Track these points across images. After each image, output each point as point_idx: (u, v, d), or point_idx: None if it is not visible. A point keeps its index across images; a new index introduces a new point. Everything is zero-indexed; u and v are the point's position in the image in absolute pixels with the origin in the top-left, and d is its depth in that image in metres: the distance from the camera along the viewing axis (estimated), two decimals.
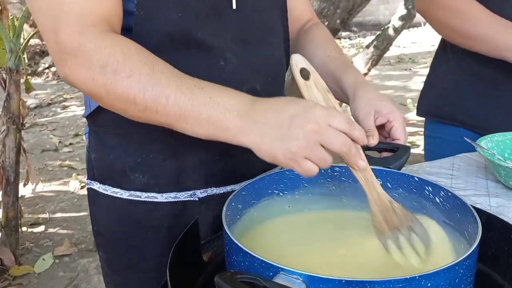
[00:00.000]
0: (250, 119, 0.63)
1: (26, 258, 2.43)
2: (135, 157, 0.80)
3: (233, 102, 0.64)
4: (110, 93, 0.65)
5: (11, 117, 2.17)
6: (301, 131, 0.60)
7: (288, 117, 0.61)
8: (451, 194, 0.67)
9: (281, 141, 0.61)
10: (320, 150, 0.61)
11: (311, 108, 0.62)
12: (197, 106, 0.64)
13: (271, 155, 0.62)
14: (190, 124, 0.65)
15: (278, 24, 0.85)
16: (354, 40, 8.44)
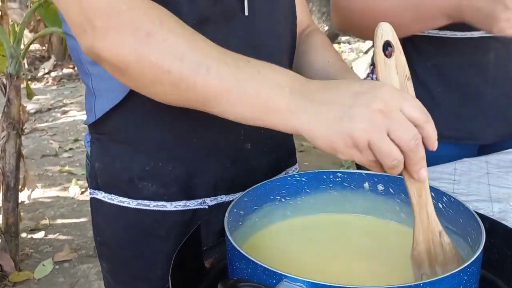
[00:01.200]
0: (304, 98, 0.54)
1: (26, 264, 2.42)
2: (143, 165, 0.79)
3: (285, 79, 0.56)
4: (141, 59, 0.56)
5: (11, 122, 2.16)
6: (366, 111, 0.50)
7: (352, 94, 0.52)
8: (454, 199, 0.67)
9: (340, 122, 0.51)
10: (388, 140, 0.50)
11: (380, 86, 0.52)
12: (243, 80, 0.55)
13: (328, 141, 0.52)
14: (232, 102, 0.56)
15: (287, 31, 0.85)
16: (354, 45, 8.45)
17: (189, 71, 0.56)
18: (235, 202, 0.65)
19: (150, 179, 0.79)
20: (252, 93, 0.55)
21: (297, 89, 0.55)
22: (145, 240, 0.83)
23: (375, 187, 0.72)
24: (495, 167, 1.07)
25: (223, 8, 0.72)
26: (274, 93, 0.55)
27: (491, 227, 0.69)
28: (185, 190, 0.80)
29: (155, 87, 0.59)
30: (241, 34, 0.76)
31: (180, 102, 0.60)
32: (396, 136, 0.50)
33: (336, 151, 0.53)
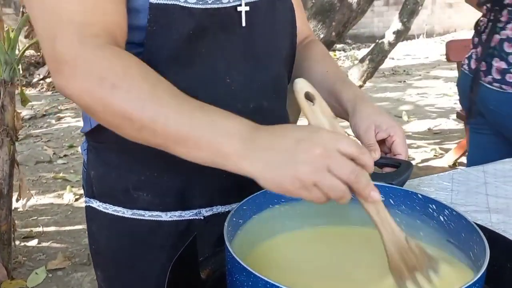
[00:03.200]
0: (253, 145, 0.59)
1: (19, 272, 2.39)
2: (138, 175, 0.78)
3: (236, 127, 0.61)
4: (107, 108, 0.62)
5: (5, 129, 2.15)
6: (308, 156, 0.56)
7: (294, 141, 0.58)
8: (455, 213, 0.66)
9: (286, 167, 0.57)
10: (330, 177, 0.56)
11: (317, 132, 0.59)
12: (198, 129, 0.61)
13: (277, 183, 0.58)
14: (189, 147, 0.62)
15: (286, 41, 0.84)
16: (349, 52, 8.48)
17: (149, 120, 0.61)
18: (234, 211, 0.64)
19: (146, 189, 0.79)
20: (206, 141, 0.60)
21: (246, 136, 0.60)
22: (139, 250, 0.82)
23: None
24: (493, 177, 1.07)
25: (220, 19, 0.72)
26: (224, 141, 0.60)
27: (490, 238, 0.68)
28: (180, 201, 0.80)
29: (121, 130, 0.65)
30: (238, 45, 0.75)
31: (147, 143, 0.65)
32: (337, 173, 0.56)
33: (286, 192, 0.58)
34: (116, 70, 0.62)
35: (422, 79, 6.51)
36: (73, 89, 0.63)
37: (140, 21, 0.69)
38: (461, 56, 3.20)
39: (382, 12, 9.50)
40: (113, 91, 0.61)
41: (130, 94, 0.61)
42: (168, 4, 0.68)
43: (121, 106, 0.61)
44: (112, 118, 0.63)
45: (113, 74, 0.61)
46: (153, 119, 0.61)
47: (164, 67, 0.70)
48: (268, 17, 0.78)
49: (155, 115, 0.61)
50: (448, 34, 9.76)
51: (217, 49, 0.74)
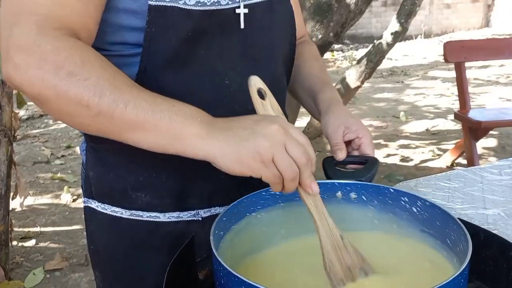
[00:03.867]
0: (213, 126, 0.62)
1: (16, 273, 2.39)
2: (137, 175, 0.78)
3: (195, 112, 0.63)
4: (61, 95, 0.61)
5: (2, 129, 2.14)
6: (267, 131, 0.59)
7: (252, 121, 0.62)
8: (429, 203, 0.68)
9: (247, 141, 0.59)
10: (286, 155, 0.59)
11: (274, 117, 0.63)
12: (158, 112, 0.61)
13: (238, 158, 0.60)
14: (146, 131, 0.62)
15: (285, 43, 0.85)
16: (347, 53, 8.49)
17: (107, 106, 0.61)
18: (215, 223, 0.64)
19: (144, 190, 0.79)
20: (166, 123, 0.61)
21: (208, 120, 0.63)
22: (137, 250, 0.82)
23: (348, 195, 0.73)
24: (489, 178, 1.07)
25: (219, 21, 0.72)
26: (186, 122, 0.62)
27: (486, 238, 0.69)
28: (178, 202, 0.80)
29: (73, 118, 0.65)
30: (237, 46, 0.76)
31: (97, 132, 0.66)
32: (291, 150, 0.60)
33: (244, 167, 0.60)
34: (74, 59, 0.61)
35: (420, 80, 6.53)
36: (24, 78, 0.62)
37: (137, 22, 0.70)
38: (459, 57, 3.23)
39: (380, 12, 9.51)
40: (70, 79, 0.61)
41: (88, 81, 0.61)
42: (167, 6, 0.68)
43: (77, 93, 0.61)
44: (66, 106, 0.62)
45: (71, 63, 0.61)
46: (112, 105, 0.61)
47: (162, 69, 0.70)
48: (266, 19, 0.79)
49: (114, 101, 0.61)
50: (445, 35, 9.78)
51: (216, 51, 0.74)
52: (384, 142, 4.05)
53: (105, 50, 0.73)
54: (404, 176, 3.26)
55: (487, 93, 5.48)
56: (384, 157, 3.70)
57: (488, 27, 10.17)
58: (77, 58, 0.62)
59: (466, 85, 3.24)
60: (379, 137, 4.20)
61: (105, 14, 0.70)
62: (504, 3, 9.87)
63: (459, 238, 0.61)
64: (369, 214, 0.72)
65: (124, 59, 0.73)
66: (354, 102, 5.12)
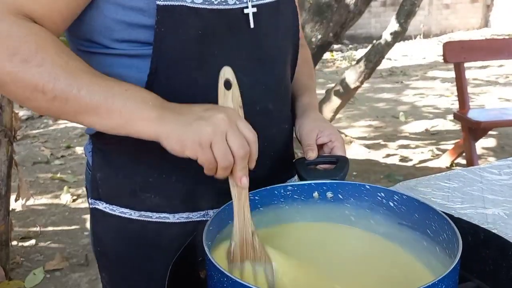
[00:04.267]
0: (164, 110, 0.64)
1: (17, 272, 2.39)
2: (146, 176, 0.78)
3: (148, 96, 0.65)
4: (16, 81, 0.63)
5: (3, 129, 2.14)
6: (212, 119, 0.62)
7: (202, 109, 0.64)
8: (406, 197, 0.69)
9: (191, 125, 0.63)
10: (225, 143, 0.62)
11: (224, 107, 0.66)
12: (111, 96, 0.64)
13: (179, 139, 0.63)
14: (100, 115, 0.64)
15: (290, 44, 0.85)
16: (346, 53, 8.50)
17: (61, 91, 0.63)
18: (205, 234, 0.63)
19: (153, 191, 0.79)
20: (119, 106, 0.64)
21: (159, 104, 0.65)
22: (146, 251, 0.82)
23: (324, 195, 0.75)
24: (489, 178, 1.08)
25: (228, 20, 0.73)
26: (138, 106, 0.64)
27: (486, 238, 0.70)
28: (188, 202, 0.80)
29: (30, 102, 0.66)
30: (245, 46, 0.76)
31: (54, 114, 0.68)
32: (231, 140, 0.62)
33: (184, 148, 0.63)
34: (29, 46, 0.63)
35: (419, 80, 6.53)
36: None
37: (145, 21, 0.70)
38: (458, 57, 3.24)
39: (379, 13, 9.52)
40: (24, 65, 0.62)
41: (43, 67, 0.63)
42: (175, 5, 0.68)
43: (32, 79, 0.63)
44: (22, 91, 0.64)
45: (25, 50, 0.62)
46: (65, 90, 0.63)
47: (172, 68, 0.71)
48: (272, 19, 0.79)
49: (67, 86, 0.63)
50: (444, 35, 9.79)
51: (225, 51, 0.74)
52: (384, 142, 4.06)
53: (113, 49, 0.73)
54: (404, 176, 3.26)
55: (486, 93, 5.48)
56: (383, 157, 3.70)
57: (487, 27, 10.18)
58: (32, 44, 0.63)
59: (465, 85, 3.25)
60: (378, 137, 4.21)
61: (111, 11, 0.70)
62: (503, 4, 9.88)
63: (442, 227, 0.63)
64: (346, 212, 0.74)
65: (133, 60, 0.73)
66: (353, 102, 5.12)
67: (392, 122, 4.64)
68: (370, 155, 3.71)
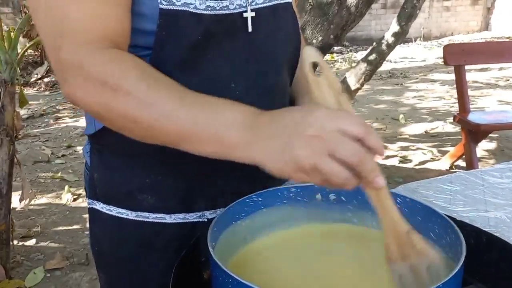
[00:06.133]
0: (254, 134, 0.59)
1: (17, 272, 2.39)
2: (143, 177, 0.79)
3: (238, 117, 0.61)
4: (111, 112, 0.64)
5: (4, 129, 2.15)
6: (303, 140, 0.54)
7: (293, 125, 0.56)
8: (409, 199, 0.69)
9: (283, 154, 0.55)
10: (330, 162, 0.53)
11: (312, 111, 0.55)
12: (200, 124, 0.61)
13: (279, 169, 0.57)
14: (193, 143, 0.63)
15: (289, 47, 0.86)
16: (346, 55, 8.51)
17: (152, 120, 0.62)
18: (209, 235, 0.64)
19: (150, 192, 0.79)
20: (208, 135, 0.61)
21: (248, 126, 0.60)
22: (143, 252, 0.82)
23: (327, 197, 0.75)
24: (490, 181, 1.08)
25: (226, 25, 0.73)
26: (228, 132, 0.60)
27: (488, 241, 0.70)
28: (184, 203, 0.80)
29: (126, 131, 0.66)
30: (243, 50, 0.76)
31: (156, 142, 0.66)
32: (338, 155, 0.53)
33: (289, 176, 0.57)
34: (114, 73, 0.63)
35: (419, 82, 6.54)
36: (79, 97, 0.65)
37: (147, 25, 0.70)
38: (459, 60, 3.25)
39: (380, 15, 9.53)
40: (115, 95, 0.62)
41: (130, 97, 0.62)
42: (178, 10, 0.69)
43: (123, 109, 0.63)
44: (117, 121, 0.65)
45: (111, 78, 0.63)
46: (155, 119, 0.62)
47: (171, 72, 0.71)
48: (271, 23, 0.79)
49: (156, 115, 0.62)
50: (445, 38, 9.80)
51: (223, 55, 0.74)
52: (383, 144, 4.06)
53: None
54: (404, 178, 3.27)
55: (486, 96, 5.49)
56: (383, 159, 3.71)
57: (488, 30, 10.19)
58: (117, 72, 0.63)
59: (465, 88, 3.25)
60: None
61: None
62: (504, 6, 9.89)
63: (445, 231, 0.63)
64: (349, 214, 0.74)
65: None
66: (354, 104, 5.13)
67: (392, 124, 4.65)
68: None
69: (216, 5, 0.71)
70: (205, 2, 0.70)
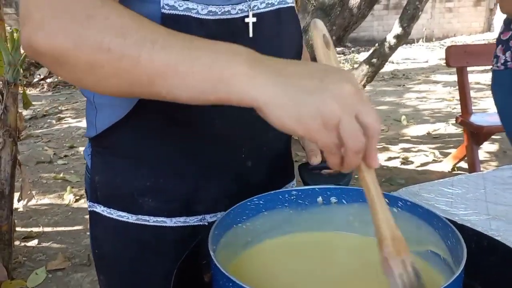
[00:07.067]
0: (266, 66, 0.50)
1: (19, 272, 2.40)
2: (144, 180, 0.79)
3: (241, 48, 0.52)
4: (79, 43, 0.53)
5: (7, 130, 2.16)
6: (338, 89, 0.48)
7: (321, 72, 0.50)
8: (410, 203, 0.69)
9: (311, 96, 0.48)
10: (356, 124, 0.48)
11: (345, 71, 0.51)
12: (194, 49, 0.51)
13: (293, 114, 0.48)
14: (181, 74, 0.51)
15: (292, 52, 0.86)
16: (349, 56, 8.51)
17: (133, 46, 0.52)
18: (210, 238, 0.63)
19: (151, 195, 0.79)
20: (205, 61, 0.51)
21: (254, 57, 0.51)
22: (143, 255, 0.82)
23: (328, 200, 0.75)
24: (492, 184, 1.08)
25: (228, 30, 0.73)
26: (228, 61, 0.51)
27: (489, 245, 0.70)
28: (185, 207, 0.80)
29: (94, 72, 0.55)
30: None
31: (122, 87, 0.55)
32: (365, 119, 0.49)
33: (301, 126, 0.49)
34: (93, 3, 0.55)
35: (421, 83, 6.54)
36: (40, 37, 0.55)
37: None
38: (461, 61, 3.24)
39: (382, 16, 9.53)
40: (89, 21, 0.53)
41: (109, 21, 0.53)
42: (180, 15, 0.69)
43: (97, 36, 0.53)
44: (86, 53, 0.54)
45: (90, 6, 0.54)
46: (138, 44, 0.52)
47: None
48: (273, 28, 0.80)
49: (140, 40, 0.52)
50: (447, 39, 9.79)
51: None
52: (385, 146, 4.06)
53: None
54: (405, 180, 3.27)
55: (489, 98, 5.47)
56: (385, 160, 3.71)
57: (490, 31, 10.17)
58: (97, 2, 0.55)
59: (468, 90, 3.25)
60: (380, 141, 4.21)
61: None
62: None
63: (446, 235, 0.63)
64: (350, 218, 0.74)
65: None
66: None
67: (394, 126, 4.65)
68: None
69: (218, 10, 0.71)
70: (207, 7, 0.70)
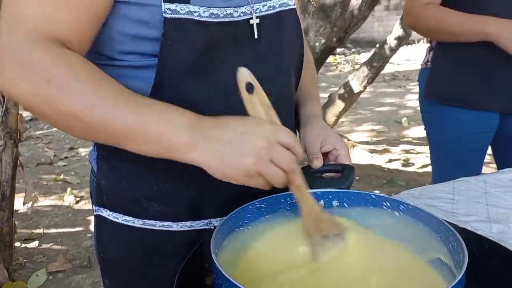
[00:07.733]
0: (199, 136, 0.63)
1: (20, 274, 2.40)
2: (150, 185, 0.79)
3: (181, 119, 0.64)
4: (54, 109, 0.64)
5: (8, 131, 2.16)
6: (252, 149, 0.62)
7: (239, 134, 0.63)
8: (412, 207, 0.70)
9: (232, 158, 0.62)
10: (272, 167, 0.63)
11: (259, 125, 0.65)
12: (145, 124, 0.64)
13: (224, 173, 0.63)
14: (138, 143, 0.65)
15: (294, 53, 0.86)
16: (349, 57, 8.51)
17: (98, 119, 0.64)
18: (212, 242, 0.64)
19: (157, 199, 0.79)
20: (154, 136, 0.64)
21: (193, 128, 0.64)
22: (149, 259, 0.82)
23: (330, 204, 0.75)
24: (493, 187, 1.08)
25: (232, 32, 0.73)
26: (172, 134, 0.64)
27: (490, 249, 0.70)
28: (191, 211, 0.80)
29: (71, 130, 0.68)
30: (249, 57, 0.77)
31: (99, 141, 0.69)
32: (279, 162, 0.63)
33: (232, 179, 0.64)
34: (61, 72, 0.64)
35: None
36: (19, 92, 0.65)
37: (152, 33, 0.70)
38: None
39: (382, 17, 9.53)
40: (61, 94, 0.63)
41: (78, 96, 0.64)
42: (182, 19, 0.69)
43: (69, 108, 0.64)
44: (61, 119, 0.66)
45: (59, 77, 0.63)
46: (101, 118, 0.64)
47: (178, 80, 0.71)
48: (276, 29, 0.80)
49: (102, 114, 0.63)
50: None
51: (229, 62, 0.75)
52: (386, 147, 4.06)
53: (119, 60, 0.74)
54: (406, 182, 3.27)
55: None
56: (386, 162, 3.70)
57: None
58: (63, 72, 0.64)
59: None
60: (381, 142, 4.21)
61: (118, 24, 0.71)
62: None
63: (447, 238, 0.64)
64: (351, 221, 0.74)
65: (138, 71, 0.74)
66: (356, 107, 5.13)
67: (395, 127, 4.65)
68: (373, 160, 3.71)
69: (220, 12, 0.71)
70: (208, 10, 0.70)
